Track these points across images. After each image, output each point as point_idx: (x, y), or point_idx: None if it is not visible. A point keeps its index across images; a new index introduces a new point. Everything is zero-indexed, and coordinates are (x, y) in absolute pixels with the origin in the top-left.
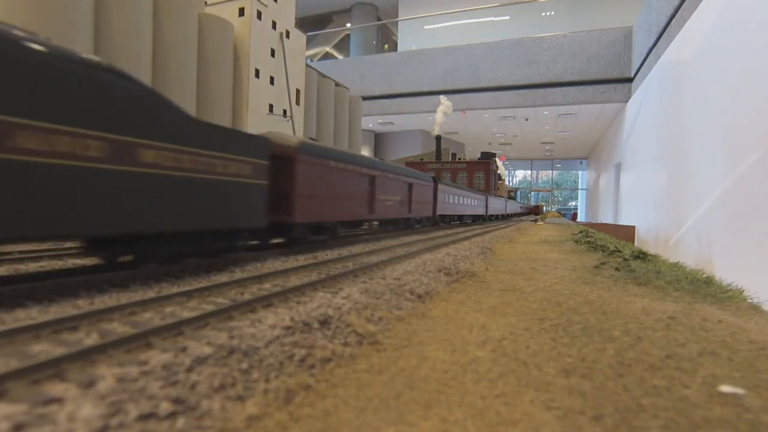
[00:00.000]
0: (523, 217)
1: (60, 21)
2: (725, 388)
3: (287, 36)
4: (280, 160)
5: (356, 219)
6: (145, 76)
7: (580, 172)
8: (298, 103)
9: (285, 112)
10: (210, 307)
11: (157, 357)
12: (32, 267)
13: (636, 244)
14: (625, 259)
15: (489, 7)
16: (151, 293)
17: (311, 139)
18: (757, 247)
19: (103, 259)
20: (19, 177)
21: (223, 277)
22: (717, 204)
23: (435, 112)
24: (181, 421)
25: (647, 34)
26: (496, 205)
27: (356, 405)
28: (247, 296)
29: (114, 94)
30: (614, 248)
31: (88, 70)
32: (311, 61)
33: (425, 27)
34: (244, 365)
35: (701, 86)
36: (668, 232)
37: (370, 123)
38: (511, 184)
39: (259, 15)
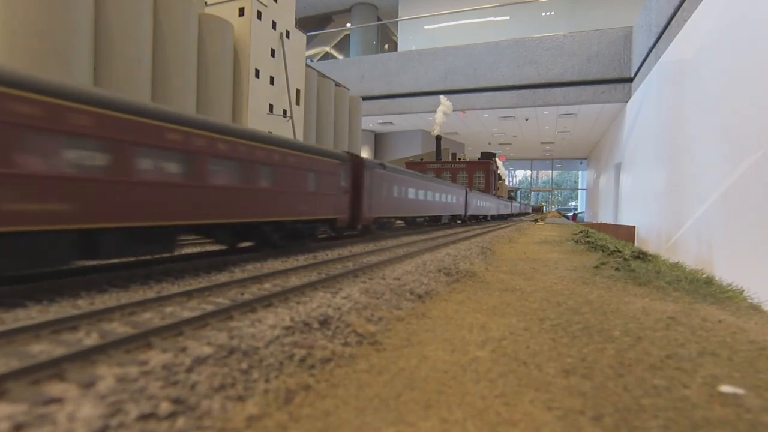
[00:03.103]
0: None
1: (60, 21)
2: (725, 388)
3: (287, 36)
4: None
5: None
6: (145, 76)
7: (580, 172)
8: (298, 103)
9: (285, 112)
10: (210, 307)
11: (157, 357)
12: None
13: (636, 244)
14: (625, 259)
15: (489, 7)
16: (151, 293)
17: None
18: (757, 247)
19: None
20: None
21: (223, 277)
22: (717, 204)
23: (435, 112)
24: (181, 421)
25: (647, 34)
26: (436, 198)
27: (356, 405)
28: (247, 296)
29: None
30: (614, 248)
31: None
32: (311, 61)
33: (425, 27)
34: (244, 365)
35: (701, 86)
36: (668, 232)
37: (370, 123)
38: (511, 184)
39: (259, 15)
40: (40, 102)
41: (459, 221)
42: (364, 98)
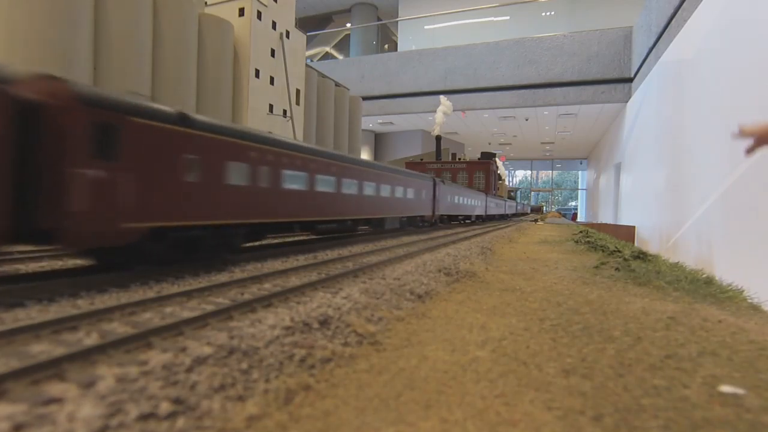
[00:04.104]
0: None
1: (60, 21)
2: (725, 388)
3: (287, 36)
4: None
5: None
6: (145, 77)
7: (580, 172)
8: (298, 103)
9: (285, 112)
10: (210, 307)
11: (157, 357)
12: (32, 267)
13: (636, 244)
14: (625, 259)
15: (489, 7)
16: (151, 293)
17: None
18: (757, 247)
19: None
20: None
21: (223, 277)
22: (717, 204)
23: (435, 112)
24: (181, 421)
25: (647, 34)
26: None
27: (356, 405)
28: (247, 296)
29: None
30: (614, 248)
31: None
32: (311, 61)
33: (425, 27)
34: (244, 365)
35: (701, 86)
36: (668, 232)
37: (370, 123)
38: (511, 184)
39: (259, 15)
40: None
41: (426, 224)
42: (364, 98)
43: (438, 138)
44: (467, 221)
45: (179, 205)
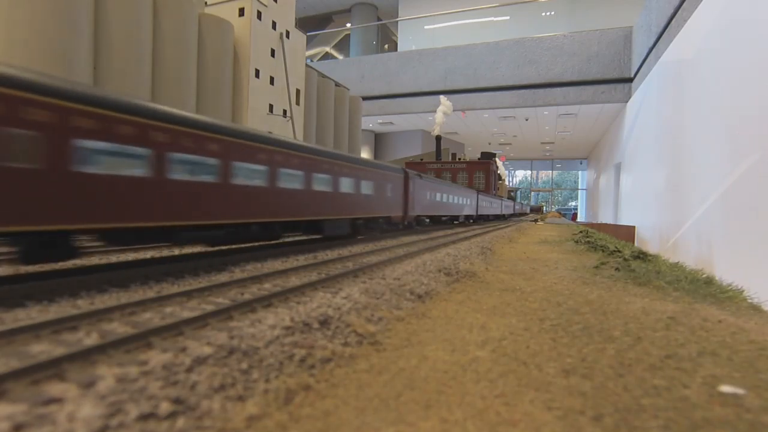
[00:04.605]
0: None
1: (60, 21)
2: (725, 388)
3: (287, 36)
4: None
5: None
6: (145, 77)
7: (580, 172)
8: (298, 103)
9: (285, 112)
10: (210, 307)
11: (157, 357)
12: (32, 267)
13: (636, 244)
14: (625, 259)
15: (489, 7)
16: (151, 293)
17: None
18: (757, 247)
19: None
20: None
21: (223, 277)
22: (717, 204)
23: (435, 112)
24: (181, 421)
25: (647, 34)
26: None
27: (356, 405)
28: (247, 296)
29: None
30: (614, 248)
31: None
32: (311, 61)
33: (425, 27)
34: (244, 365)
35: (701, 86)
36: (668, 232)
37: (370, 123)
38: (511, 184)
39: (259, 15)
40: None
41: (399, 226)
42: (364, 98)
43: (438, 138)
44: (455, 222)
45: None
